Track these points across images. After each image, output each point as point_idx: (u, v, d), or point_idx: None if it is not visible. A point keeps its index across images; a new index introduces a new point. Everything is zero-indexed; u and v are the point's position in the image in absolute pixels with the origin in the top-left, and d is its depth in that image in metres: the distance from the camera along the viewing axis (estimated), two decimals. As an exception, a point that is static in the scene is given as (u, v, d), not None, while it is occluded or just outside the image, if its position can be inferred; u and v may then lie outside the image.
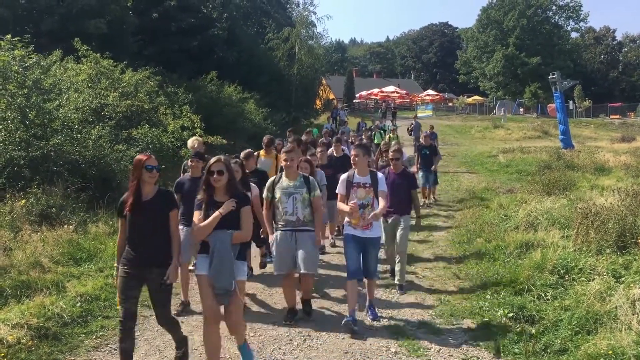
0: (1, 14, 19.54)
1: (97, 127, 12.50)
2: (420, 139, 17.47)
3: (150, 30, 26.66)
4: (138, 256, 4.71)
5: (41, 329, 5.63)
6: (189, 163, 6.90)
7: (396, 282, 7.68)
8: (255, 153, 9.52)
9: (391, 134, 19.44)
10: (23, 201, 9.13)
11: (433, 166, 14.04)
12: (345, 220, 6.48)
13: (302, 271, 6.22)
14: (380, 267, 7.92)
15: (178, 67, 25.98)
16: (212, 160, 4.87)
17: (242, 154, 7.99)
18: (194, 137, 8.19)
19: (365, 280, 6.64)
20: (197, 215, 4.81)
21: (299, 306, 6.62)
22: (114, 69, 16.01)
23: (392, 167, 7.92)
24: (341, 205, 6.35)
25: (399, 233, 7.64)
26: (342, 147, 11.29)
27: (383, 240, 8.01)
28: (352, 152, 6.45)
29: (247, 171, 7.18)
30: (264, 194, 6.39)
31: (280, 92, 33.74)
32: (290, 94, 34.96)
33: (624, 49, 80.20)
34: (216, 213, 4.69)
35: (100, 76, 15.47)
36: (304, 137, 13.46)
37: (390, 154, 8.05)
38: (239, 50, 30.93)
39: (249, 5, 41.42)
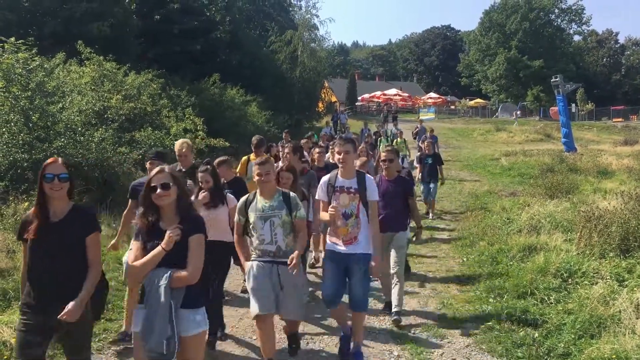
0: (5, 16, 19.60)
1: (100, 129, 12.53)
2: (421, 144, 16.65)
3: (153, 33, 26.72)
4: (39, 296, 3.54)
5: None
6: (147, 165, 5.84)
7: (393, 309, 6.39)
8: (245, 157, 8.87)
9: (398, 139, 18.50)
10: (26, 204, 9.13)
11: (439, 177, 12.85)
12: (328, 231, 5.35)
13: (286, 317, 5.05)
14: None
15: (181, 70, 26.03)
16: (154, 171, 3.66)
17: (216, 160, 6.65)
18: (182, 140, 7.07)
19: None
20: (134, 249, 3.60)
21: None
22: (117, 71, 16.05)
23: (384, 172, 6.75)
24: (322, 215, 5.25)
25: (393, 254, 6.43)
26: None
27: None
28: (338, 149, 5.20)
29: (223, 180, 6.33)
30: (235, 217, 5.03)
31: (283, 94, 33.77)
32: (293, 97, 34.98)
33: (626, 52, 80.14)
34: (158, 248, 3.47)
35: (103, 79, 15.51)
36: (303, 142, 12.49)
37: (382, 155, 6.84)
38: (242, 53, 30.98)
39: (251, 8, 41.50)
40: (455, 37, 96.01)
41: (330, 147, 10.25)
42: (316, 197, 5.43)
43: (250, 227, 4.87)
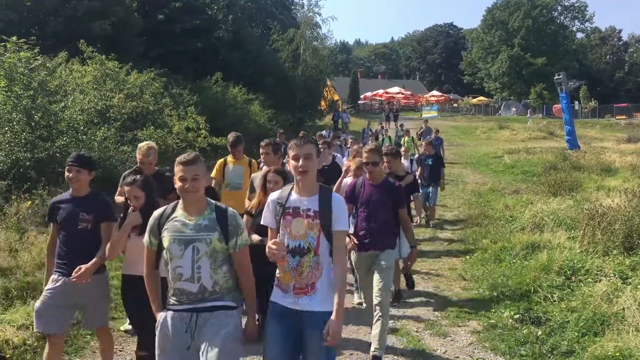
0: (7, 16, 19.62)
1: (103, 128, 12.54)
2: (420, 145, 15.51)
3: (155, 32, 26.71)
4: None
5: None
6: (66, 174, 4.48)
7: (371, 352, 5.09)
8: (220, 160, 7.42)
9: (405, 137, 17.87)
10: (29, 202, 9.14)
11: (440, 180, 11.89)
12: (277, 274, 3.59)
13: None
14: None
15: (183, 69, 26.02)
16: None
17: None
18: (147, 144, 5.99)
19: None
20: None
21: None
22: (119, 70, 16.07)
23: (367, 175, 5.51)
24: (269, 249, 3.42)
25: (376, 279, 5.20)
26: (333, 152, 9.75)
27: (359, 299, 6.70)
28: (293, 152, 3.45)
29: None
30: (144, 238, 3.53)
31: (285, 93, 33.73)
32: (295, 95, 34.94)
33: (629, 49, 79.95)
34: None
35: (105, 78, 15.52)
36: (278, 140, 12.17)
37: (364, 155, 5.51)
38: (244, 52, 30.95)
39: (253, 7, 41.46)
40: (457, 35, 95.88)
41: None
42: (261, 222, 3.67)
43: (165, 252, 3.36)
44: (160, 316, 3.38)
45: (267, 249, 3.40)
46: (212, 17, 29.93)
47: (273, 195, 3.61)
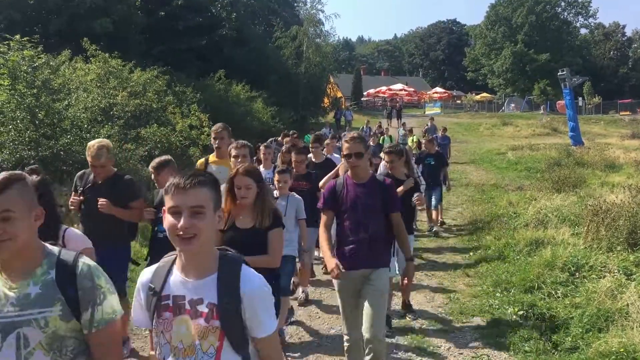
0: (11, 15, 19.68)
1: (106, 126, 12.56)
2: (422, 141, 13.98)
3: (158, 30, 26.75)
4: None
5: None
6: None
7: None
8: (201, 160, 6.30)
9: (410, 137, 17.13)
10: (33, 200, 9.17)
11: (446, 181, 11.23)
12: None
13: None
14: None
15: (186, 67, 26.04)
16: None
17: (153, 163, 5.13)
18: (98, 142, 5.00)
19: None
20: None
21: None
22: (123, 68, 16.07)
23: (349, 172, 4.43)
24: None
25: (367, 309, 4.16)
26: (333, 153, 9.30)
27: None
28: (167, 199, 1.99)
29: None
30: None
31: (288, 90, 33.73)
32: (298, 93, 34.92)
33: (633, 45, 79.51)
34: None
35: (108, 76, 15.53)
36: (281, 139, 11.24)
37: (344, 146, 4.38)
38: (247, 49, 30.96)
39: (256, 4, 41.45)
40: (461, 32, 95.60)
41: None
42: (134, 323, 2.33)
43: None
44: None
45: None
46: (215, 14, 29.94)
47: (143, 275, 2.15)
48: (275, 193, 5.73)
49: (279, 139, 12.36)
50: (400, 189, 5.80)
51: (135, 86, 15.77)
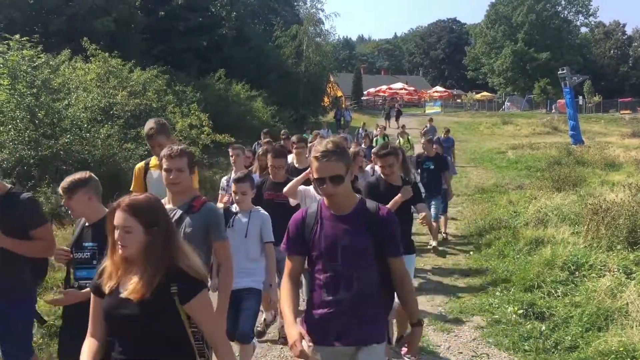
0: (11, 14, 19.67)
1: (106, 126, 12.56)
2: (421, 142, 10.87)
3: (158, 29, 26.72)
4: None
5: (52, 327, 5.63)
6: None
7: None
8: (140, 165, 5.13)
9: (401, 138, 15.89)
10: (33, 200, 9.18)
11: (445, 189, 9.58)
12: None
13: None
14: None
15: (186, 66, 26.02)
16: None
17: (69, 180, 3.57)
18: None
19: None
20: None
21: None
22: (123, 68, 16.07)
23: (324, 200, 3.04)
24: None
25: None
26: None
27: None
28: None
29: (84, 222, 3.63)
30: None
31: (288, 89, 33.71)
32: (298, 92, 34.90)
33: (634, 44, 79.41)
34: None
35: (108, 75, 15.53)
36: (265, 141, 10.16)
37: (312, 165, 2.96)
38: (247, 49, 30.95)
39: (256, 3, 41.44)
40: (461, 30, 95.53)
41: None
42: None
43: None
44: None
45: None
46: (215, 14, 29.92)
47: None
48: (234, 207, 4.81)
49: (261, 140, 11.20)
50: (396, 199, 4.91)
51: (135, 86, 15.77)
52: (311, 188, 5.21)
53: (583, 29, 73.40)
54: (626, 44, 78.84)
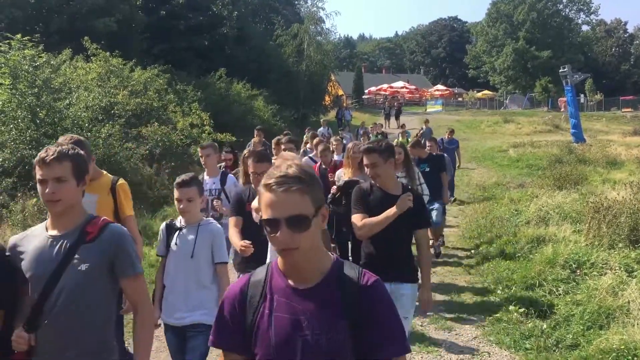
0: (12, 13, 19.68)
1: (107, 125, 12.57)
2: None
3: (159, 29, 26.73)
4: None
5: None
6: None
7: None
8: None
9: (400, 137, 15.55)
10: (34, 200, 9.18)
11: (444, 193, 8.63)
12: None
13: None
14: None
15: (187, 65, 26.03)
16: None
17: None
18: None
19: None
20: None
21: None
22: (123, 67, 16.09)
23: (279, 259, 1.88)
24: None
25: None
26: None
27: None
28: None
29: None
30: None
31: (289, 88, 33.71)
32: (299, 91, 34.90)
33: (635, 42, 79.33)
34: None
35: (109, 75, 15.55)
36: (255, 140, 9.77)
37: (264, 181, 1.78)
38: (248, 48, 30.95)
39: (257, 2, 41.45)
40: (462, 29, 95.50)
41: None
42: None
43: None
44: None
45: None
46: (216, 13, 29.93)
47: None
48: (179, 221, 3.82)
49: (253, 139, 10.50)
50: (388, 212, 3.86)
51: (136, 85, 15.79)
52: None
53: (584, 27, 73.46)
54: (628, 42, 78.76)
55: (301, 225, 1.73)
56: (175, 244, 3.71)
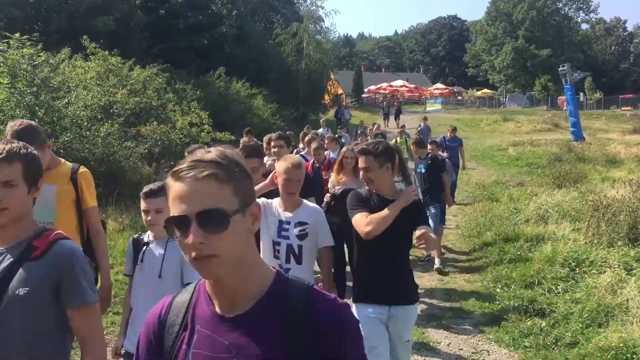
0: (11, 13, 19.67)
1: (106, 124, 12.55)
2: (410, 145, 10.26)
3: (158, 28, 26.73)
4: None
5: None
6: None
7: None
8: None
9: (398, 138, 15.37)
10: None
11: (443, 195, 8.30)
12: None
13: None
14: None
15: (186, 64, 26.01)
16: None
17: None
18: None
19: None
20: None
21: None
22: (122, 66, 16.06)
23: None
24: None
25: None
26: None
27: None
28: None
29: None
30: None
31: (288, 87, 33.69)
32: (298, 90, 34.88)
33: (635, 40, 79.34)
34: None
35: (108, 73, 15.51)
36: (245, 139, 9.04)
37: (175, 167, 1.38)
38: (248, 47, 30.94)
39: (256, 1, 41.42)
40: (461, 27, 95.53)
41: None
42: None
43: None
44: None
45: None
46: (215, 12, 29.92)
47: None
48: (147, 236, 3.41)
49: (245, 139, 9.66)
50: (395, 205, 3.52)
51: (135, 84, 15.76)
52: (275, 202, 3.78)
53: (584, 26, 73.54)
54: (627, 40, 78.79)
55: (217, 222, 1.29)
56: (141, 261, 3.27)
